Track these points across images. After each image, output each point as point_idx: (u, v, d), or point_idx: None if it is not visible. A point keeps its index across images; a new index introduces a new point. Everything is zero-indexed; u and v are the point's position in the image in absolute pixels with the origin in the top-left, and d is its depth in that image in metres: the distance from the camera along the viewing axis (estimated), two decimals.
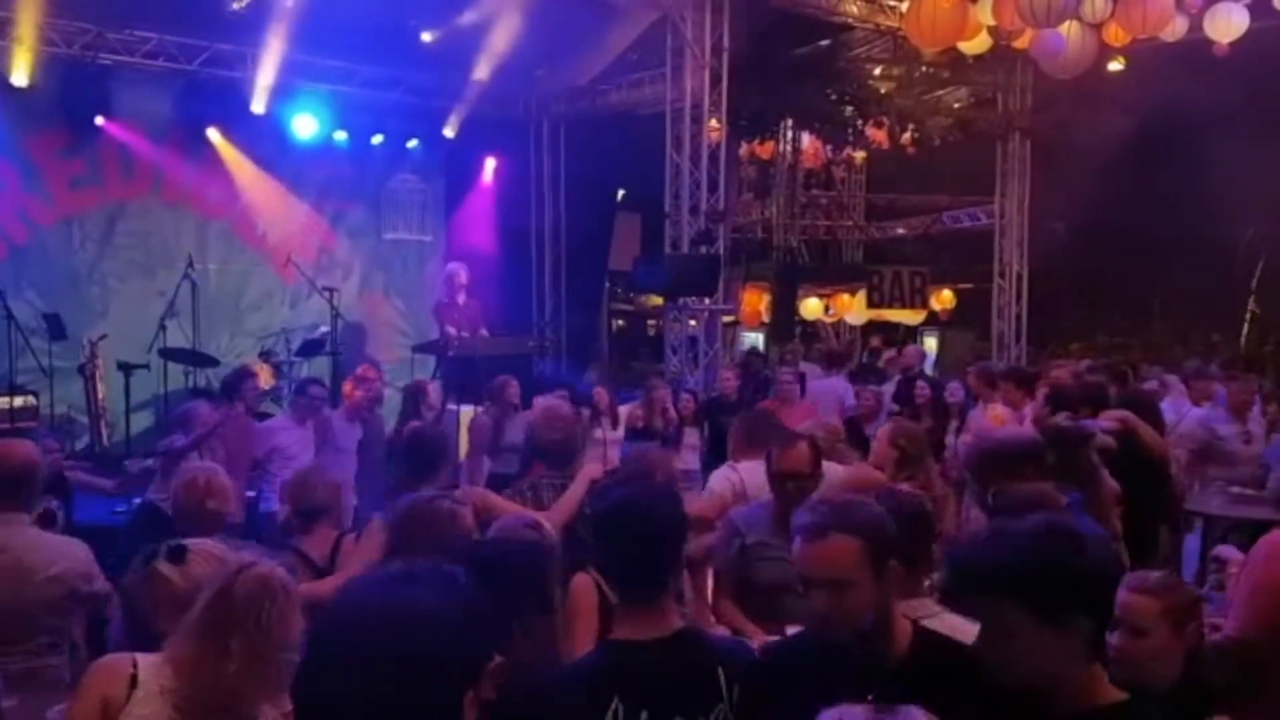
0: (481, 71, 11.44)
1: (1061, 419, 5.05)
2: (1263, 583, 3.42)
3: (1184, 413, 8.13)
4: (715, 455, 5.04)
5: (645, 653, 2.29)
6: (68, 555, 3.72)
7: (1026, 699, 1.96)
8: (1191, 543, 6.86)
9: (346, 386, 7.84)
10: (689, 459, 8.21)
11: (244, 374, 7.49)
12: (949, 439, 7.56)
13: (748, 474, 4.51)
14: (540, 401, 5.12)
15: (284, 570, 2.44)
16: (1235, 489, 6.80)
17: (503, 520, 3.28)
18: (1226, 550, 4.25)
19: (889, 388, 9.68)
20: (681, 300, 11.21)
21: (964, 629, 2.42)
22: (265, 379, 9.74)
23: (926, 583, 3.22)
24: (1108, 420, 6.19)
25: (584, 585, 3.43)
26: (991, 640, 1.95)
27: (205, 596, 2.34)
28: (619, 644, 2.36)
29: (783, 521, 3.88)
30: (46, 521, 5.11)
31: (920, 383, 8.63)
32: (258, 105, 10.97)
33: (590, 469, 4.41)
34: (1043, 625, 1.89)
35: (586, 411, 8.53)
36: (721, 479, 4.76)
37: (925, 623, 3.31)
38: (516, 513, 3.75)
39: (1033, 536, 1.95)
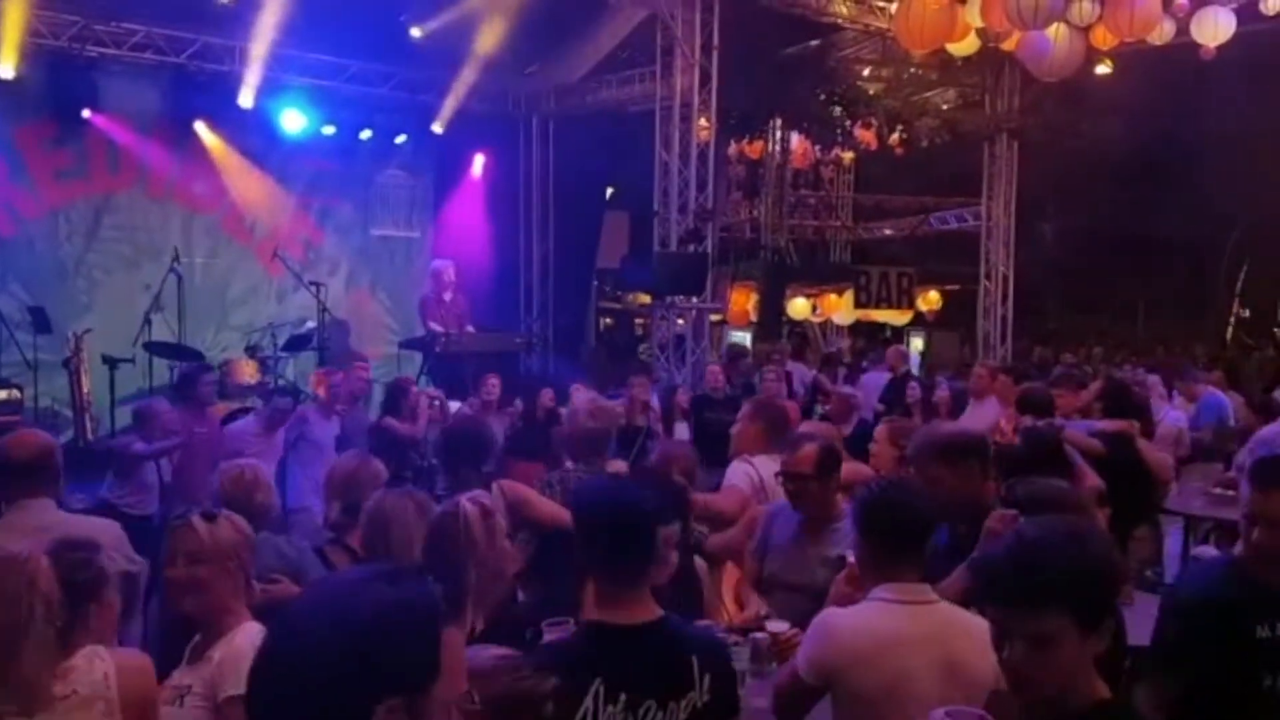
0: (471, 68, 11.41)
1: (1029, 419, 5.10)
2: None
3: (1163, 413, 8.20)
4: (701, 450, 4.94)
5: (626, 637, 2.30)
6: (102, 533, 3.64)
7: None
8: (1174, 544, 6.91)
9: (315, 378, 7.75)
10: None
11: (199, 370, 7.23)
12: None
13: (764, 469, 4.45)
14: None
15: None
16: (1216, 490, 6.84)
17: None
18: (1206, 550, 4.30)
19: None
20: (669, 299, 11.22)
21: None
22: (250, 373, 9.72)
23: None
24: (1112, 425, 6.25)
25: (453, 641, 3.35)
26: (1030, 653, 1.86)
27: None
28: (601, 627, 2.36)
29: (801, 523, 3.88)
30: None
31: (912, 383, 8.75)
32: (246, 99, 10.91)
33: (615, 464, 4.33)
34: (1084, 632, 1.87)
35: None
36: (741, 474, 4.70)
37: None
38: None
39: (1070, 543, 1.90)
